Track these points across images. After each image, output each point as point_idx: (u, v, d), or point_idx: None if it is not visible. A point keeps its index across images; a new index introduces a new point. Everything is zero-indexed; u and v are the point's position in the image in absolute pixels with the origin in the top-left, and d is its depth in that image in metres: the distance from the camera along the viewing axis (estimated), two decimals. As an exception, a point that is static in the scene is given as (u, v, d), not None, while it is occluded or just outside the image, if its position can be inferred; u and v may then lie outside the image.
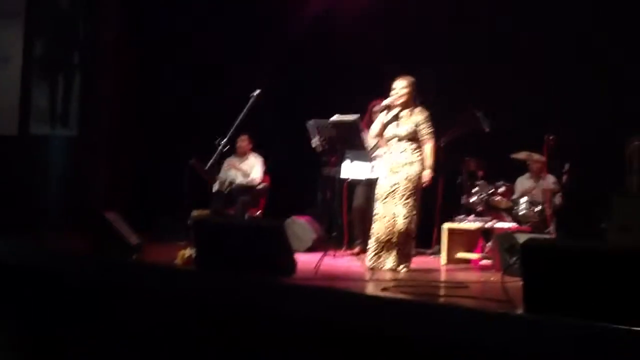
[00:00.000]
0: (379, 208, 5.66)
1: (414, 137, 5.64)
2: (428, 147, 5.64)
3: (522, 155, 7.20)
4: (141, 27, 9.04)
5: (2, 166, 8.41)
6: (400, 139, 5.63)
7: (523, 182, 7.44)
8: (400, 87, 5.68)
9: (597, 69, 7.23)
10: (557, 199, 7.17)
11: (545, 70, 7.50)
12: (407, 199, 5.55)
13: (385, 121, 5.66)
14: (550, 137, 6.68)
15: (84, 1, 9.01)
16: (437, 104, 7.68)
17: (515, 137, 7.21)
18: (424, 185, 5.65)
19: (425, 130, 5.63)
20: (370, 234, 5.72)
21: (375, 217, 5.69)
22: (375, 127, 5.76)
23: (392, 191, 5.59)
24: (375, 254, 5.62)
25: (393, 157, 5.65)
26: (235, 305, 4.34)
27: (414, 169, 5.59)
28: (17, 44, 8.86)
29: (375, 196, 5.73)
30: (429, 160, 5.63)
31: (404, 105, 5.69)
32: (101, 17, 8.95)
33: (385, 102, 5.66)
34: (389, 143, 5.69)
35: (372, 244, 5.65)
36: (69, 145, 8.90)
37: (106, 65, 8.90)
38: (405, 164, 5.59)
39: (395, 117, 5.69)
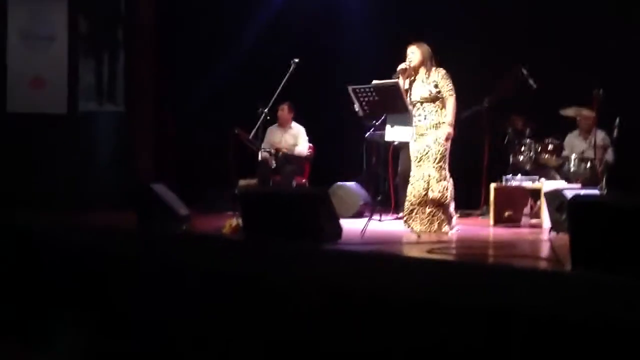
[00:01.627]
0: (414, 171, 5.66)
1: (436, 98, 5.58)
2: (449, 103, 5.58)
3: (570, 111, 7.05)
4: (179, 4, 9.10)
5: (52, 144, 8.60)
6: (422, 102, 5.58)
7: (572, 139, 7.29)
8: (412, 51, 5.65)
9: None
10: (609, 155, 7.02)
11: (590, 22, 7.27)
12: (439, 161, 5.52)
13: (405, 87, 5.63)
14: (599, 91, 6.51)
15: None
16: (482, 63, 7.64)
17: (563, 93, 7.05)
18: (446, 141, 5.57)
19: (445, 88, 5.57)
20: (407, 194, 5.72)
21: (410, 180, 5.68)
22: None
23: (425, 154, 5.55)
24: (410, 216, 5.61)
25: (419, 120, 5.60)
26: (281, 274, 4.37)
27: (442, 131, 5.53)
28: (62, 23, 8.98)
29: (411, 159, 5.72)
30: (449, 116, 5.56)
31: (420, 68, 5.63)
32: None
33: (400, 66, 5.63)
34: (414, 107, 5.65)
35: (407, 205, 5.64)
36: (117, 120, 9.05)
37: (147, 41, 9.00)
38: (432, 126, 5.55)
39: (414, 81, 5.65)
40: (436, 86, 5.57)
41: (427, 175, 5.54)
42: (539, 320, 3.08)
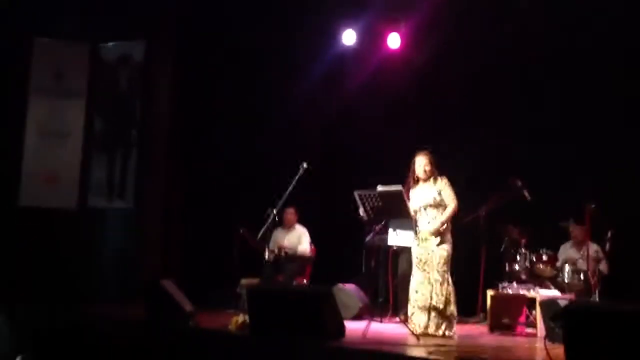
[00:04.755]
0: (416, 274, 5.86)
1: (439, 204, 5.88)
2: (449, 208, 5.88)
3: (564, 224, 7.32)
4: (192, 105, 9.51)
5: (62, 238, 8.78)
6: (426, 207, 5.86)
7: (566, 250, 7.51)
8: (423, 160, 6.03)
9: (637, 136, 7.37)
10: (603, 266, 7.22)
11: (585, 139, 7.66)
12: (442, 266, 5.76)
13: (411, 194, 5.95)
14: (592, 206, 6.79)
15: (140, 82, 9.52)
16: (480, 174, 7.98)
17: (557, 206, 7.34)
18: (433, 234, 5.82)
19: (449, 197, 5.88)
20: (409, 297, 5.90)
21: (412, 284, 5.87)
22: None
23: (428, 258, 5.79)
24: (412, 319, 5.77)
25: (422, 225, 5.88)
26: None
27: (444, 237, 5.81)
28: (78, 121, 9.38)
29: (413, 263, 5.94)
30: (443, 217, 5.84)
31: (427, 178, 5.97)
32: (155, 97, 9.45)
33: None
34: (417, 213, 5.94)
35: (411, 308, 5.81)
36: (125, 217, 9.28)
37: (160, 142, 9.34)
38: (435, 231, 5.80)
39: (420, 188, 5.98)
40: (440, 193, 5.89)
41: (432, 279, 5.75)
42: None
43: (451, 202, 5.91)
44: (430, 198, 5.91)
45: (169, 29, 9.39)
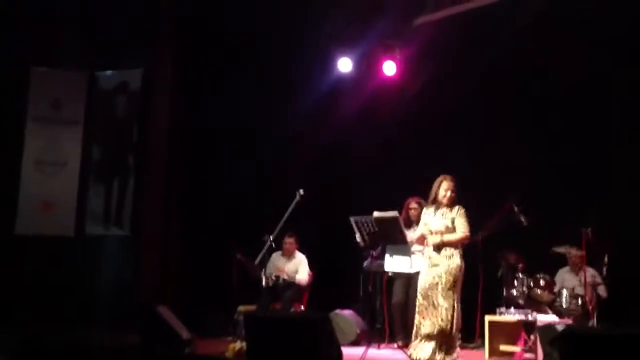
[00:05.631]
0: (420, 300, 5.84)
1: (452, 232, 5.88)
2: (459, 232, 5.88)
3: (561, 249, 7.33)
4: (189, 131, 9.56)
5: (59, 265, 8.77)
6: (438, 233, 5.86)
7: (563, 275, 7.51)
8: (449, 187, 6.02)
9: (631, 162, 7.42)
10: (601, 291, 7.21)
11: (580, 163, 7.71)
12: (449, 290, 5.74)
13: (425, 215, 5.94)
14: (588, 230, 6.81)
15: (137, 107, 9.58)
16: (476, 198, 8.01)
17: (554, 231, 7.36)
18: (424, 243, 5.81)
19: (460, 223, 5.89)
20: (413, 325, 5.87)
21: (418, 309, 5.85)
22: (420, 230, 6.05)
23: (435, 284, 5.78)
24: (420, 346, 5.74)
25: (433, 251, 5.87)
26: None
27: (454, 262, 5.81)
28: (75, 149, 9.42)
29: (418, 289, 5.92)
30: (452, 237, 5.84)
31: (449, 204, 5.96)
32: (153, 123, 9.50)
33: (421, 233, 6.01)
34: (429, 237, 5.93)
35: (416, 335, 5.78)
36: (122, 244, 9.29)
37: (157, 167, 9.37)
38: (445, 257, 5.80)
39: (435, 213, 5.97)
40: (453, 221, 5.90)
41: (437, 304, 5.73)
42: None
43: (462, 230, 5.91)
44: (443, 225, 5.92)
45: (166, 57, 9.46)
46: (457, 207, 6.00)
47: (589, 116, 7.67)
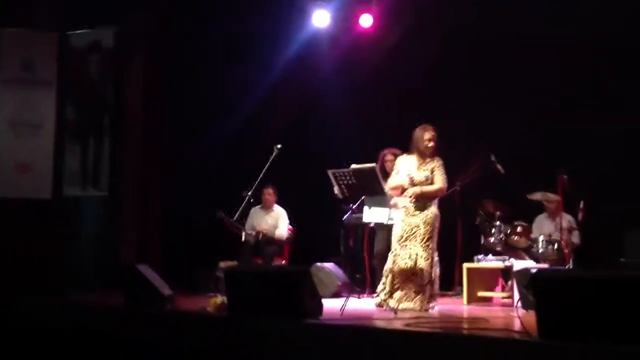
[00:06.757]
0: (396, 249, 5.88)
1: (430, 182, 5.91)
2: (436, 184, 5.90)
3: (537, 195, 7.42)
4: (165, 88, 9.47)
5: (37, 229, 8.73)
6: (417, 184, 5.89)
7: (540, 221, 7.63)
8: (431, 137, 5.99)
9: (607, 107, 7.47)
10: (575, 237, 7.34)
11: (555, 111, 7.76)
12: (427, 241, 5.79)
13: (404, 167, 5.94)
14: (564, 176, 6.89)
15: (111, 67, 9.45)
16: (453, 148, 8.05)
17: (531, 178, 7.44)
18: (410, 196, 5.85)
19: (439, 176, 5.91)
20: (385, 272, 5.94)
21: (392, 257, 5.90)
22: (394, 179, 6.06)
23: (412, 234, 5.82)
24: (390, 293, 5.81)
25: (410, 201, 5.90)
26: (265, 349, 4.55)
27: (432, 211, 5.85)
28: (50, 111, 9.28)
29: (394, 238, 5.96)
30: (430, 189, 5.86)
31: (431, 154, 5.96)
32: (127, 82, 9.39)
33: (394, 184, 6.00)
34: (407, 187, 5.95)
35: (387, 282, 5.85)
36: (101, 205, 9.25)
37: (134, 126, 9.29)
38: (422, 206, 5.84)
39: (414, 163, 5.98)
40: (432, 172, 5.91)
41: (415, 254, 5.78)
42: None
43: (440, 182, 5.93)
44: (423, 176, 5.92)
45: (138, 13, 9.30)
46: (436, 159, 6.01)
47: (564, 60, 7.70)
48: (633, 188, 6.97)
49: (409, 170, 5.91)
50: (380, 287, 5.95)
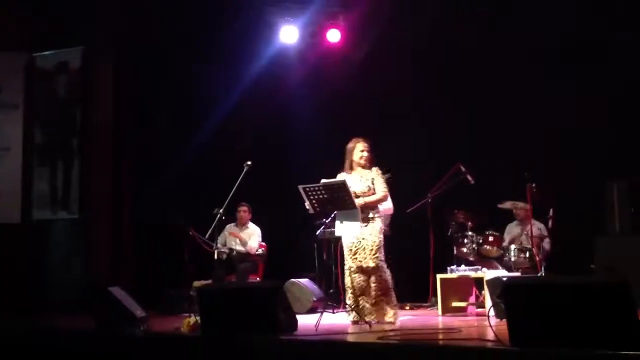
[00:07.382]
0: (350, 263, 5.89)
1: (372, 192, 5.92)
2: (378, 193, 5.90)
3: (507, 204, 7.50)
4: (134, 108, 9.41)
5: (7, 253, 8.60)
6: (359, 196, 5.89)
7: (511, 230, 7.71)
8: (364, 148, 6.01)
9: (574, 118, 7.59)
10: (546, 244, 7.42)
11: (523, 121, 7.87)
12: (375, 252, 5.78)
13: (350, 181, 5.96)
14: (533, 185, 6.97)
15: (79, 88, 9.36)
16: (423, 162, 8.12)
17: (500, 187, 7.53)
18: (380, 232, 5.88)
19: (379, 186, 5.94)
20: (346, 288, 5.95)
21: (347, 272, 5.90)
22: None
23: (361, 247, 5.82)
24: (355, 308, 5.81)
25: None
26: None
27: (377, 224, 5.86)
28: (17, 134, 9.19)
29: (345, 250, 5.94)
30: (372, 198, 5.86)
31: (367, 164, 6.01)
32: (96, 102, 9.31)
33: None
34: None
35: (351, 297, 5.85)
36: (71, 227, 9.13)
37: (103, 147, 9.21)
38: (368, 218, 5.85)
39: (354, 176, 6.01)
40: (372, 182, 5.94)
41: (365, 267, 5.79)
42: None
43: (381, 190, 5.95)
44: (365, 186, 5.93)
45: (106, 33, 9.26)
46: (375, 168, 6.03)
47: (530, 68, 7.82)
48: (601, 194, 7.05)
49: (350, 185, 5.90)
50: (347, 303, 5.94)
